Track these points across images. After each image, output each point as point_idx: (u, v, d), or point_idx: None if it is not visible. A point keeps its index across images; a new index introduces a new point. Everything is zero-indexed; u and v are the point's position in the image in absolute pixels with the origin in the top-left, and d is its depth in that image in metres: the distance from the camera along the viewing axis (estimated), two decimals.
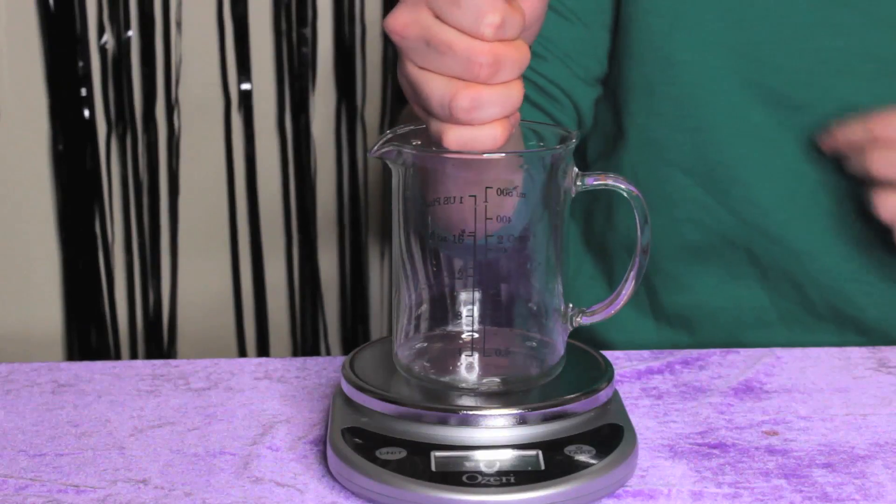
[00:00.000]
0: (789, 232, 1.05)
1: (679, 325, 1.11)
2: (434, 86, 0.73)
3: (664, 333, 1.12)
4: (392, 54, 1.59)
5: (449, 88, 0.72)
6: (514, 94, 0.73)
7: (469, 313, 0.77)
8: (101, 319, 1.63)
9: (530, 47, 1.01)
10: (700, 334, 1.10)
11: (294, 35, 1.57)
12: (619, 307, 0.80)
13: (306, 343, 1.68)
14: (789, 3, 1.00)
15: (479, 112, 0.72)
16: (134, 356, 1.64)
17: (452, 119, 0.72)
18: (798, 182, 1.04)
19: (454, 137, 0.73)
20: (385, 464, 0.73)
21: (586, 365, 0.80)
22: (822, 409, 0.86)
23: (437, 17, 0.72)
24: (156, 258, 1.62)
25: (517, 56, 0.73)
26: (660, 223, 1.07)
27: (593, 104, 1.08)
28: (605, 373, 0.79)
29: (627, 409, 0.83)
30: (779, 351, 0.95)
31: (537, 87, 1.04)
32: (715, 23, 1.01)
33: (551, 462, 0.73)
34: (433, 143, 0.78)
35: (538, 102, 1.05)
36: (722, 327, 1.09)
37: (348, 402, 0.78)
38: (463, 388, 0.76)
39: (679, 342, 1.11)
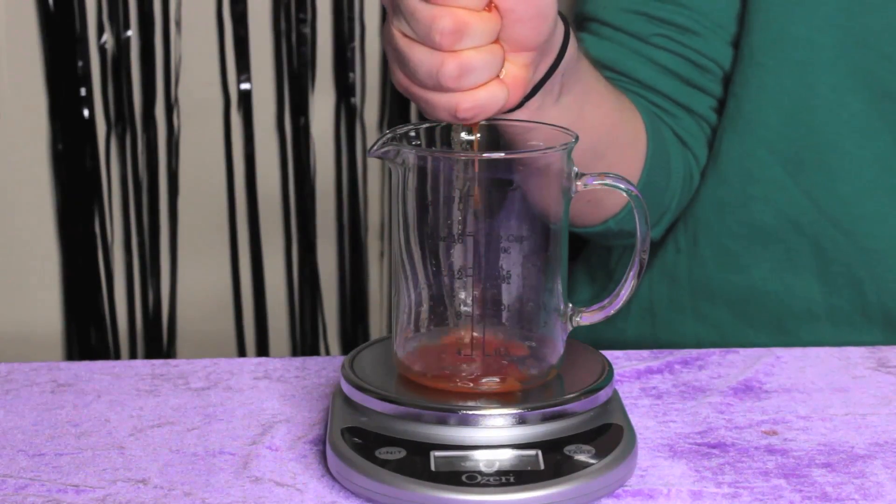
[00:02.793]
0: (864, 227, 1.04)
1: (721, 304, 1.10)
2: (420, 57, 0.73)
3: (703, 307, 1.10)
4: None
5: (435, 58, 0.72)
6: (497, 55, 0.74)
7: (469, 313, 0.77)
8: (100, 319, 1.63)
9: (685, 24, 1.01)
10: (742, 315, 1.09)
11: (294, 35, 1.57)
12: (618, 307, 0.79)
13: (306, 343, 1.68)
14: None
15: (469, 78, 0.73)
16: (133, 356, 1.64)
17: (442, 88, 0.73)
18: (884, 177, 1.03)
19: (469, 105, 0.73)
20: (384, 463, 0.73)
21: (586, 364, 0.80)
22: (822, 408, 0.86)
23: None
24: (155, 258, 1.62)
25: (483, 24, 0.73)
26: (730, 197, 1.06)
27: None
28: (604, 372, 0.79)
29: (627, 408, 0.83)
30: (778, 350, 0.95)
31: (690, 62, 1.04)
32: (832, 2, 1.00)
33: (551, 462, 0.73)
34: (434, 140, 0.78)
35: (692, 79, 1.05)
36: (767, 312, 1.08)
37: (348, 401, 0.78)
38: (462, 388, 0.76)
39: (717, 319, 1.10)
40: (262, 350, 1.68)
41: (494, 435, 0.74)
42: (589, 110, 0.91)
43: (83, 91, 1.56)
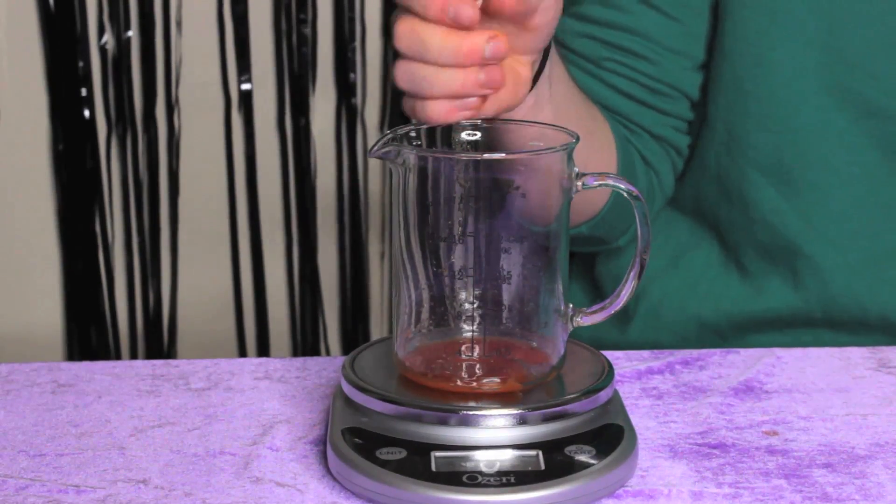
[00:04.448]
0: (858, 243, 1.04)
1: (724, 314, 1.10)
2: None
3: (706, 317, 1.10)
4: (392, 55, 1.59)
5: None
6: (452, 81, 0.76)
7: (469, 313, 0.77)
8: (101, 319, 1.64)
9: (638, 51, 1.02)
10: (744, 325, 1.09)
11: (294, 35, 1.57)
12: (618, 307, 0.79)
13: (306, 343, 1.68)
14: (890, 11, 1.00)
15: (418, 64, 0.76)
16: (134, 356, 1.64)
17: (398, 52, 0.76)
18: (874, 191, 1.03)
19: (409, 106, 0.77)
20: (385, 464, 0.73)
21: (586, 365, 0.80)
22: (822, 409, 0.86)
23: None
24: (156, 258, 1.62)
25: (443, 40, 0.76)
26: (738, 219, 1.07)
27: (701, 85, 1.08)
28: (605, 373, 0.79)
29: (627, 409, 0.83)
30: (779, 351, 0.95)
31: (646, 87, 1.05)
32: (812, 23, 1.00)
33: (551, 462, 0.73)
34: (433, 143, 0.78)
35: (648, 101, 1.05)
36: (768, 323, 1.09)
37: (348, 402, 0.78)
38: (463, 388, 0.76)
39: (719, 326, 1.10)
40: (263, 350, 1.68)
41: (495, 435, 0.74)
42: (573, 110, 0.92)
43: (84, 91, 1.56)
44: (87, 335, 1.63)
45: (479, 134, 0.79)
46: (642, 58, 1.04)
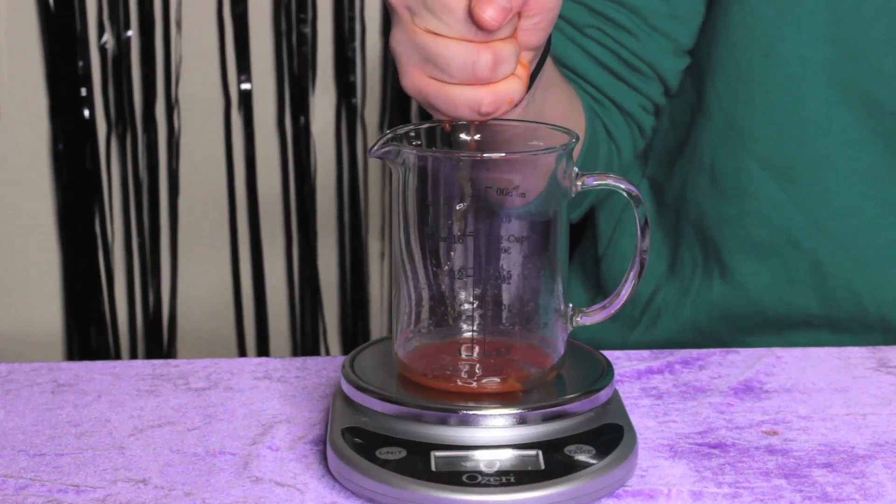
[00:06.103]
0: (859, 238, 1.04)
1: (718, 317, 1.10)
2: (452, 50, 0.73)
3: (701, 321, 1.10)
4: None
5: (470, 50, 0.74)
6: (517, 48, 0.76)
7: (469, 313, 0.77)
8: (101, 319, 1.64)
9: (622, 23, 1.01)
10: (741, 329, 1.09)
11: (294, 35, 1.58)
12: (618, 307, 0.79)
13: (306, 343, 1.68)
14: None
15: (501, 67, 0.74)
16: (134, 356, 1.64)
17: (476, 79, 0.74)
18: (876, 187, 1.03)
19: (491, 98, 0.74)
20: (385, 464, 0.73)
21: (586, 365, 0.80)
22: (822, 408, 0.86)
23: None
24: (156, 258, 1.62)
25: (512, 19, 0.75)
26: (728, 213, 1.07)
27: (681, 73, 1.08)
28: (605, 373, 0.79)
29: (627, 408, 0.83)
30: (779, 351, 0.95)
31: (623, 60, 1.04)
32: (823, 16, 1.00)
33: (551, 462, 0.73)
34: (437, 139, 0.78)
35: (622, 75, 1.05)
36: (765, 323, 1.09)
37: (348, 401, 0.78)
38: (463, 388, 0.76)
39: (716, 333, 1.10)
40: (263, 350, 1.68)
41: (495, 435, 0.74)
42: (550, 102, 0.93)
43: (83, 91, 1.56)
44: (87, 335, 1.63)
45: (478, 134, 0.79)
46: (625, 30, 1.04)
